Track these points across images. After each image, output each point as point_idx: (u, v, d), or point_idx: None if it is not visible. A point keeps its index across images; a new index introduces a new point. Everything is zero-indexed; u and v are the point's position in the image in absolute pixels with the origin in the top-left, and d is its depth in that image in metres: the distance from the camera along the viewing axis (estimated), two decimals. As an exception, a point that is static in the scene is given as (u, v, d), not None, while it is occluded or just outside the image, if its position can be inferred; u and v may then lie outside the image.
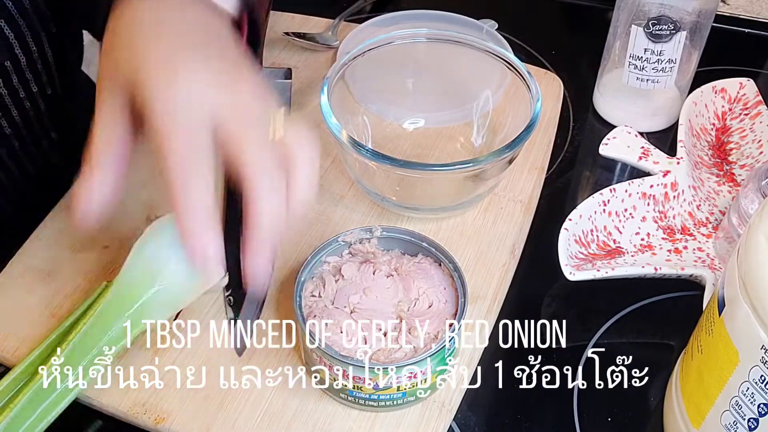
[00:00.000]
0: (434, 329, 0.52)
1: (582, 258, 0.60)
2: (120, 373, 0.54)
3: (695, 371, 0.48)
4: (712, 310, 0.46)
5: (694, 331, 0.50)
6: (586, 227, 0.62)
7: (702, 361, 0.47)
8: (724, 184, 0.68)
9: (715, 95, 0.72)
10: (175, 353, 0.55)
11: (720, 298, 0.45)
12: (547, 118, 0.73)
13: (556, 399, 0.56)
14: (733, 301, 0.43)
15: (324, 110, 0.60)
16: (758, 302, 0.40)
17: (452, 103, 0.70)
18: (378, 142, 0.68)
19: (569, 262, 0.58)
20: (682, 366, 0.52)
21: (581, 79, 0.80)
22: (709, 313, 0.47)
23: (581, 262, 0.60)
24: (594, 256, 0.61)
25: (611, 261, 0.61)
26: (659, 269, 0.58)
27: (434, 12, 0.80)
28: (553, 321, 0.60)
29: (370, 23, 0.80)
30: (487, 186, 0.63)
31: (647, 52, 0.69)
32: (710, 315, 0.46)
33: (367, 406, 0.52)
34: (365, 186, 0.64)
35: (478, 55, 0.66)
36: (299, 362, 0.55)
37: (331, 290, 0.54)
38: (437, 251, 0.55)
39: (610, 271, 0.57)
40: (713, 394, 0.45)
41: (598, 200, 0.62)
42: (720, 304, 0.44)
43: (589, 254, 0.61)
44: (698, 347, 0.48)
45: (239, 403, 0.53)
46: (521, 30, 0.85)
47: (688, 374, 0.50)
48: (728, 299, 0.43)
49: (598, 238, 0.62)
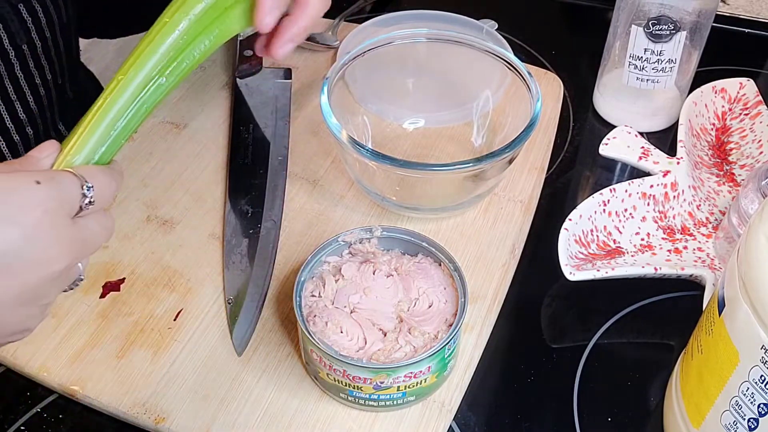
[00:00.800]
0: (434, 329, 0.52)
1: (582, 258, 0.60)
2: (120, 373, 0.54)
3: (695, 371, 0.48)
4: (712, 310, 0.46)
5: (694, 331, 0.50)
6: (586, 227, 0.62)
7: (702, 361, 0.47)
8: (724, 184, 0.68)
9: (715, 95, 0.72)
10: (175, 353, 0.55)
11: (720, 298, 0.45)
12: (547, 118, 0.73)
13: (556, 399, 0.56)
14: (733, 301, 0.43)
15: (324, 110, 0.60)
16: (758, 302, 0.40)
17: (452, 103, 0.70)
18: (378, 142, 0.68)
19: (569, 262, 0.58)
20: (681, 366, 0.52)
21: (581, 79, 0.80)
22: (709, 313, 0.47)
23: (581, 262, 0.60)
24: (594, 256, 0.61)
25: (611, 261, 0.61)
26: (659, 269, 0.58)
27: (434, 12, 0.80)
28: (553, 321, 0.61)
29: (370, 23, 0.80)
30: (487, 186, 0.63)
31: (647, 52, 0.69)
32: (710, 315, 0.46)
33: (367, 406, 0.52)
34: (365, 186, 0.64)
35: (478, 55, 0.66)
36: (299, 362, 0.55)
37: (331, 290, 0.54)
38: (437, 251, 0.55)
39: (610, 271, 0.57)
40: (713, 394, 0.45)
41: (598, 200, 0.62)
42: (720, 304, 0.44)
43: (589, 254, 0.61)
44: (698, 347, 0.48)
45: (239, 403, 0.53)
46: (521, 30, 0.85)
47: (688, 374, 0.50)
48: (728, 299, 0.43)
49: (598, 238, 0.62)
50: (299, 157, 0.69)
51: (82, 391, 0.53)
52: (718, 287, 0.46)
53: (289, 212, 0.65)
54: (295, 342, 0.56)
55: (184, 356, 0.55)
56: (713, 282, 0.57)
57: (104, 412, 0.54)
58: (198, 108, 0.74)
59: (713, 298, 0.46)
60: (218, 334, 0.56)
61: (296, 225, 0.64)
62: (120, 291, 0.58)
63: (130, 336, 0.56)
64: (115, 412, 0.53)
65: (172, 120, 0.68)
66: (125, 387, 0.54)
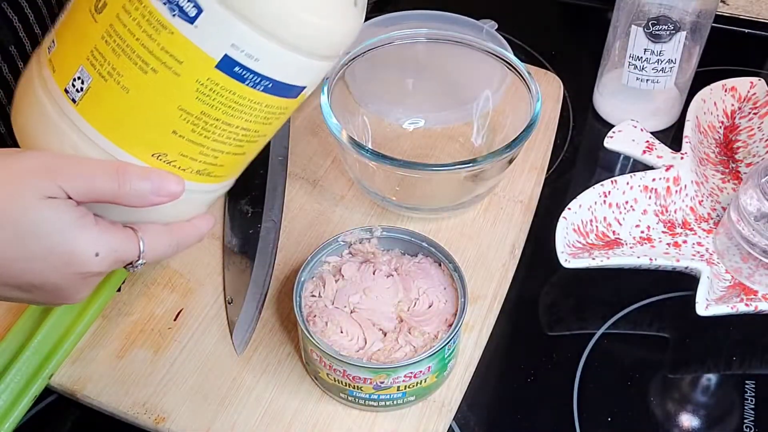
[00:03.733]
0: (434, 329, 0.52)
1: (579, 247, 0.60)
2: (120, 373, 0.54)
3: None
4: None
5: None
6: (586, 217, 0.61)
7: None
8: (729, 181, 0.68)
9: (725, 93, 0.72)
10: (175, 353, 0.55)
11: None
12: (547, 118, 0.73)
13: (556, 399, 0.56)
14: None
15: (324, 110, 0.60)
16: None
17: (452, 103, 0.70)
18: (378, 143, 0.68)
19: (566, 250, 0.58)
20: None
21: (581, 79, 0.80)
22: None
23: (578, 251, 0.59)
24: (592, 246, 0.61)
25: (608, 251, 0.61)
26: (654, 260, 0.58)
27: (434, 12, 0.80)
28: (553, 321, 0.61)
29: (370, 23, 0.80)
30: (487, 186, 0.63)
31: (647, 52, 0.69)
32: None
33: (367, 406, 0.52)
34: (365, 186, 0.64)
35: (478, 55, 0.66)
36: (299, 362, 0.55)
37: (331, 290, 0.54)
38: (437, 251, 0.55)
39: (605, 260, 0.57)
40: None
41: (599, 191, 0.62)
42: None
43: (587, 244, 0.61)
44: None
45: (239, 403, 0.53)
46: (521, 30, 0.85)
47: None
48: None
49: (597, 229, 0.62)
50: (299, 157, 0.69)
51: (82, 391, 0.53)
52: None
53: (289, 212, 0.65)
54: (295, 342, 0.56)
55: (184, 356, 0.55)
56: (708, 275, 0.57)
57: (104, 412, 0.53)
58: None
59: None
60: (218, 334, 0.56)
61: (296, 225, 0.64)
62: (120, 291, 0.58)
63: (130, 336, 0.56)
64: (115, 412, 0.53)
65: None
66: (125, 387, 0.54)
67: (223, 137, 0.42)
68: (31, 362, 0.52)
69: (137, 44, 0.39)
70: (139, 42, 0.39)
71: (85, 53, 0.41)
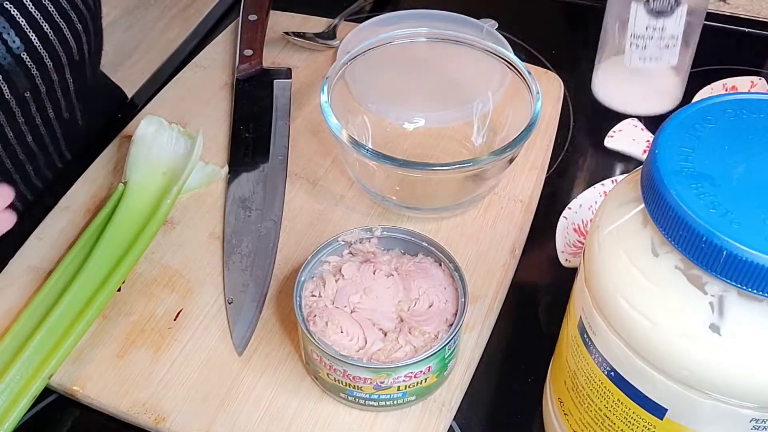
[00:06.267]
0: (434, 329, 0.52)
1: (580, 247, 0.60)
2: (120, 373, 0.54)
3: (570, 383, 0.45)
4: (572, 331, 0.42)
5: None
6: (586, 217, 0.61)
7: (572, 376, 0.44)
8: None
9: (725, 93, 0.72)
10: (175, 353, 0.55)
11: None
12: (547, 118, 0.73)
13: (556, 399, 0.56)
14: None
15: (324, 110, 0.60)
16: (609, 314, 0.37)
17: (452, 103, 0.70)
18: (378, 142, 0.68)
19: (566, 250, 0.57)
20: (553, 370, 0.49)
21: (581, 78, 0.80)
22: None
23: (578, 251, 0.59)
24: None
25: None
26: None
27: (434, 12, 0.80)
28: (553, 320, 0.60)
29: (370, 23, 0.80)
30: (487, 186, 0.63)
31: (649, 30, 0.67)
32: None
33: (367, 406, 0.52)
34: (365, 186, 0.64)
35: (478, 55, 0.66)
36: (299, 362, 0.55)
37: (331, 290, 0.54)
38: (437, 251, 0.55)
39: None
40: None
41: (599, 191, 0.62)
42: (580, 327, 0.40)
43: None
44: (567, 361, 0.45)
45: (239, 403, 0.53)
46: (521, 30, 0.84)
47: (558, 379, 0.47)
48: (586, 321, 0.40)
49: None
50: (299, 156, 0.69)
51: (82, 391, 0.53)
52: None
53: (289, 212, 0.65)
54: (295, 342, 0.56)
55: (184, 356, 0.55)
56: None
57: (104, 412, 0.54)
58: (198, 108, 0.74)
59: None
60: (218, 334, 0.56)
61: (296, 225, 0.64)
62: (120, 291, 0.58)
63: (130, 336, 0.56)
64: (115, 412, 0.53)
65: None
66: (125, 387, 0.53)
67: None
68: (31, 362, 0.52)
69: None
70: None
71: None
